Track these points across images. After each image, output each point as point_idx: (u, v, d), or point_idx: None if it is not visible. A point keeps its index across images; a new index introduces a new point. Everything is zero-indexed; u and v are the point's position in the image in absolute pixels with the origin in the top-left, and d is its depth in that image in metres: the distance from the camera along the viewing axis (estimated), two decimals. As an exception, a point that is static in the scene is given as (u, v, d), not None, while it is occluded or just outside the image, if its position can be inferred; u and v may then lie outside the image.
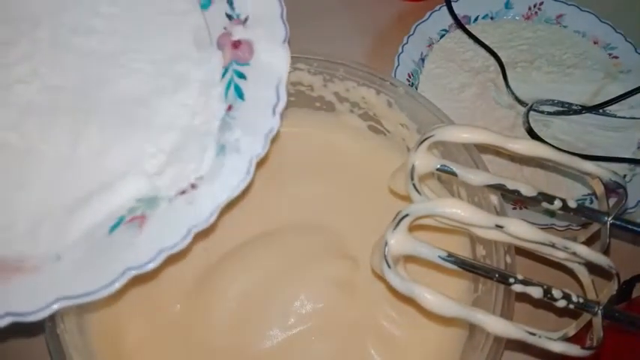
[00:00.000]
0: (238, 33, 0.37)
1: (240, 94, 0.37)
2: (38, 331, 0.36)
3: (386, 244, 0.35)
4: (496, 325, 0.35)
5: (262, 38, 0.37)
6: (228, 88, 0.37)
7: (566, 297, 0.36)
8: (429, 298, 0.34)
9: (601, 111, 0.58)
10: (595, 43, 0.63)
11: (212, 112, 0.37)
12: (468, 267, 0.36)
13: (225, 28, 0.38)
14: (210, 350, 0.42)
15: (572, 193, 0.53)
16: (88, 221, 0.33)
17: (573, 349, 0.36)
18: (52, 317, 0.38)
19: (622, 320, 0.37)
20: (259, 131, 0.35)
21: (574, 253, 0.37)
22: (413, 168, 0.37)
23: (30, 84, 0.35)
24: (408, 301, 0.36)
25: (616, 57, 0.62)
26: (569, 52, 0.62)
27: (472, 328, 0.42)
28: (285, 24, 0.37)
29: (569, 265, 0.40)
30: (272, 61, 0.37)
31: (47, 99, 0.35)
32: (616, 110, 0.58)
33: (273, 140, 0.38)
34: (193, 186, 0.34)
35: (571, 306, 0.36)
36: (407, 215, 0.35)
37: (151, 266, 0.32)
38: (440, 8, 0.62)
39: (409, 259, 0.37)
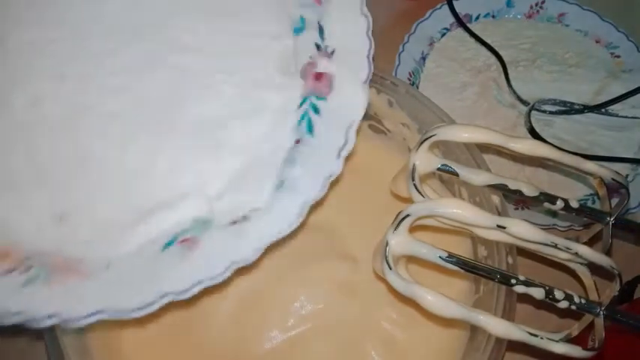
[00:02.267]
0: (322, 65, 0.37)
1: (310, 129, 0.36)
2: (41, 334, 0.37)
3: (387, 244, 0.35)
4: (497, 326, 0.35)
5: (344, 74, 0.37)
6: (301, 120, 0.37)
7: (568, 298, 0.36)
8: (429, 299, 0.34)
9: (603, 110, 0.58)
10: (597, 42, 0.62)
11: (281, 142, 0.37)
12: (469, 268, 0.36)
13: (310, 58, 0.38)
14: (208, 351, 0.42)
15: (574, 193, 0.53)
16: (146, 233, 0.34)
17: (575, 351, 0.36)
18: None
19: (624, 321, 0.37)
20: (320, 173, 0.35)
21: (576, 254, 0.37)
22: (414, 168, 0.37)
23: (121, 95, 0.36)
24: (409, 302, 0.35)
25: (618, 56, 0.62)
26: (571, 51, 0.62)
27: (473, 330, 0.41)
28: (370, 64, 0.37)
29: (571, 265, 0.40)
30: (349, 100, 0.37)
31: (133, 112, 0.36)
32: (618, 110, 0.58)
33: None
34: (245, 217, 0.34)
35: (573, 307, 0.36)
36: (408, 215, 0.35)
37: (185, 296, 0.32)
38: (441, 7, 0.62)
39: (410, 259, 0.37)
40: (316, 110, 0.37)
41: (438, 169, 0.38)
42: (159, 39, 0.37)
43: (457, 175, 0.38)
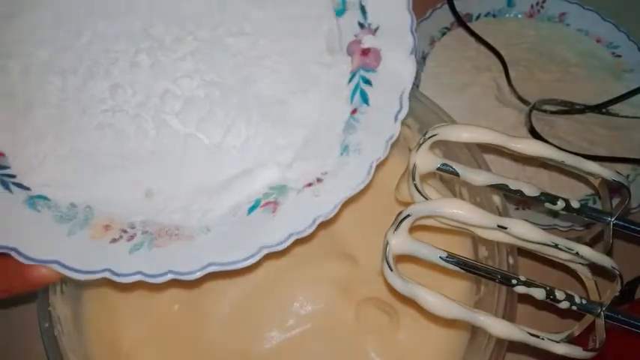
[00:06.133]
0: (368, 41, 0.40)
1: (365, 99, 0.39)
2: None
3: (387, 244, 0.35)
4: (498, 327, 0.35)
5: (391, 48, 0.40)
6: (354, 92, 0.40)
7: (569, 298, 0.36)
8: (430, 299, 0.34)
9: (604, 110, 0.58)
10: (598, 41, 0.62)
11: (338, 113, 0.40)
12: (469, 268, 0.36)
13: (355, 36, 0.41)
14: (208, 351, 0.42)
15: (575, 193, 0.53)
16: (230, 201, 0.37)
17: (576, 351, 0.36)
18: (49, 319, 0.39)
19: (625, 321, 0.37)
20: (381, 137, 0.38)
21: (577, 254, 0.37)
22: (414, 167, 0.37)
23: (193, 79, 0.39)
24: (410, 302, 0.35)
25: (619, 56, 0.62)
26: (571, 50, 0.62)
27: (474, 330, 0.41)
28: (414, 36, 0.39)
29: (572, 266, 0.40)
30: (398, 70, 0.39)
31: (205, 93, 0.39)
32: (619, 110, 0.58)
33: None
34: (319, 180, 0.37)
35: (574, 307, 0.36)
36: (408, 216, 0.35)
37: (282, 247, 0.35)
38: (441, 6, 0.61)
39: (411, 260, 0.36)
40: (367, 82, 0.40)
41: (439, 168, 0.38)
42: (217, 26, 0.41)
43: (458, 175, 0.38)
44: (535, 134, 0.54)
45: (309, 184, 0.37)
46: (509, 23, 0.63)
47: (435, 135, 0.37)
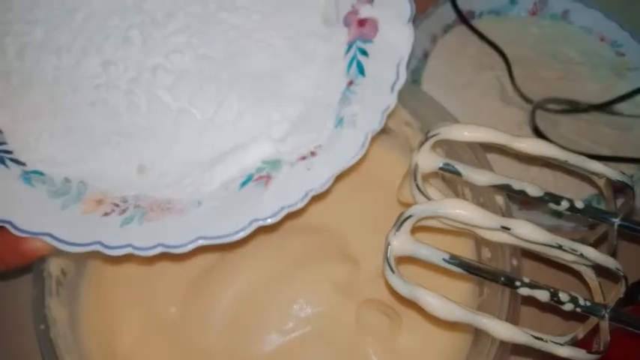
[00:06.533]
0: (365, 11, 0.40)
1: (361, 70, 0.39)
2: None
3: (388, 245, 0.35)
4: (501, 329, 0.35)
5: (388, 17, 0.39)
6: (350, 64, 0.39)
7: (573, 300, 0.36)
8: (432, 302, 0.34)
9: (608, 109, 0.58)
10: (601, 40, 0.62)
11: (334, 86, 0.39)
12: (472, 270, 0.35)
13: (352, 7, 0.40)
14: (206, 355, 0.42)
15: (579, 193, 0.53)
16: (223, 176, 0.37)
17: (580, 354, 0.36)
18: (45, 321, 0.39)
19: (629, 323, 0.37)
20: (377, 108, 0.38)
21: (581, 255, 0.37)
22: (416, 167, 0.37)
23: (184, 54, 0.40)
24: (412, 304, 0.35)
25: (623, 54, 0.62)
26: (575, 49, 0.61)
27: (477, 333, 0.41)
28: (411, 3, 0.39)
29: (577, 267, 0.40)
30: (395, 39, 0.39)
31: (197, 68, 0.39)
32: (623, 109, 0.58)
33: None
34: (312, 153, 0.37)
35: (578, 309, 0.36)
36: (410, 216, 0.35)
37: (273, 220, 0.35)
38: (443, 3, 0.61)
39: (412, 261, 0.36)
40: (364, 53, 0.39)
41: (441, 168, 0.38)
42: (211, 1, 0.41)
43: (460, 175, 0.38)
44: (539, 133, 0.54)
45: (303, 158, 0.37)
46: (511, 21, 0.63)
47: (437, 134, 0.37)
